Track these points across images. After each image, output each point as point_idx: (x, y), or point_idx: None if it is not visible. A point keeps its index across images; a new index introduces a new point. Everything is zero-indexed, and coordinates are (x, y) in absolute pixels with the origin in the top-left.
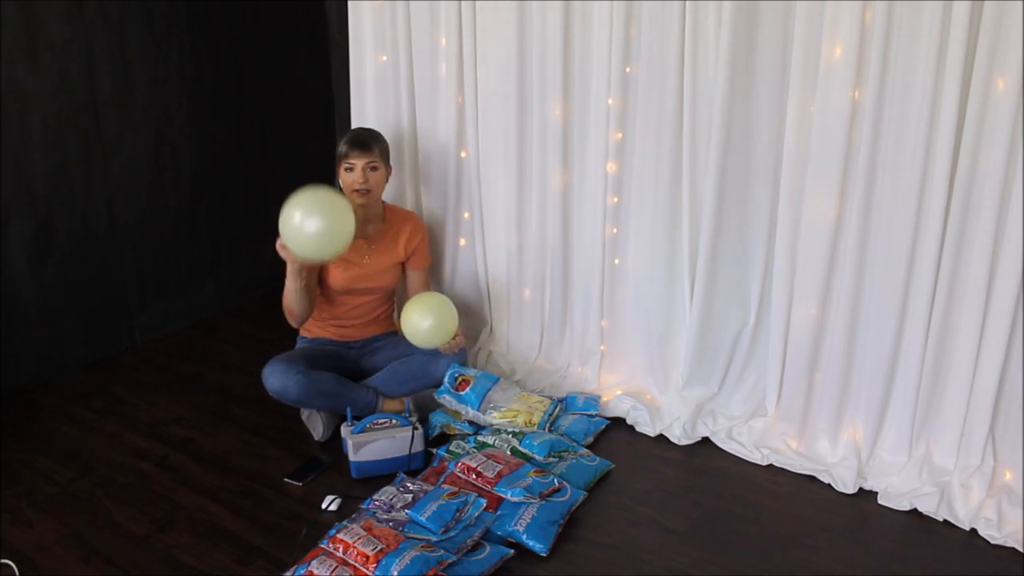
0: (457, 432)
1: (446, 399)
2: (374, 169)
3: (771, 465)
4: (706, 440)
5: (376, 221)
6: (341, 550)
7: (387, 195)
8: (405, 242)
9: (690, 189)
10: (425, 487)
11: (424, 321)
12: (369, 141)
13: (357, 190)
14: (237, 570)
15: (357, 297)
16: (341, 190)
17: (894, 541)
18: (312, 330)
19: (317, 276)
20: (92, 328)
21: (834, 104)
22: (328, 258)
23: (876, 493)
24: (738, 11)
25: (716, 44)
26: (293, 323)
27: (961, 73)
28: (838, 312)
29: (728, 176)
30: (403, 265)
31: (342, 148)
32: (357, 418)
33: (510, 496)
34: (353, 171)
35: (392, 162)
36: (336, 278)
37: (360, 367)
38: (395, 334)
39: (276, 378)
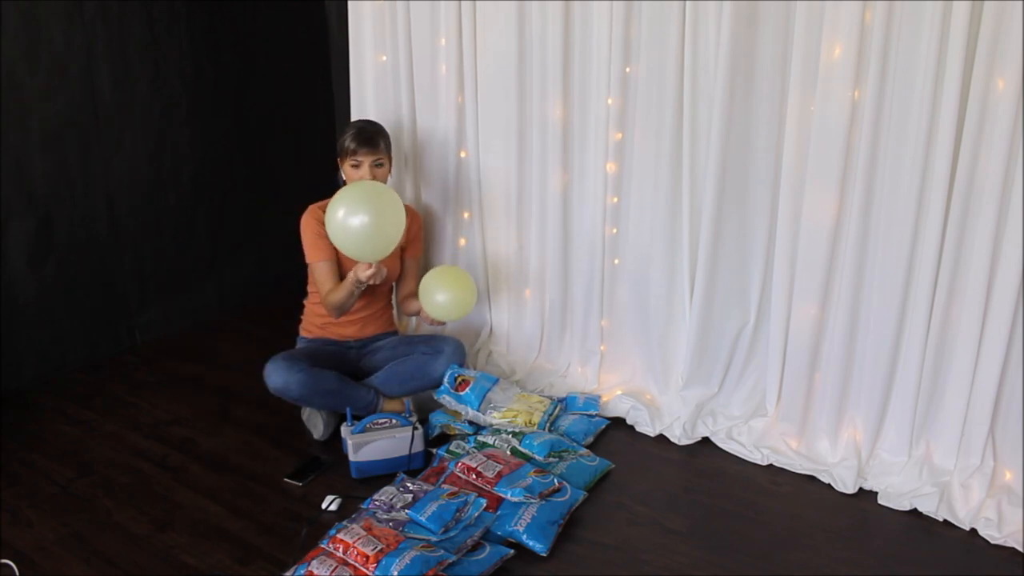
0: (457, 432)
1: (446, 399)
2: (380, 165)
3: (771, 465)
4: (706, 440)
5: None
6: (341, 550)
7: None
8: (404, 233)
9: (690, 189)
10: (425, 487)
11: (440, 295)
12: (375, 137)
13: None
14: (237, 570)
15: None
16: (344, 183)
17: (894, 541)
18: (311, 331)
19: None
20: (92, 328)
21: (834, 104)
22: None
23: (876, 493)
24: (738, 11)
25: (716, 44)
26: (337, 316)
27: (961, 73)
28: (838, 312)
29: (728, 176)
30: (403, 253)
31: (347, 144)
32: (357, 418)
33: (510, 496)
34: (360, 168)
35: (392, 162)
36: (348, 266)
37: (360, 367)
38: (395, 334)
39: (278, 375)
